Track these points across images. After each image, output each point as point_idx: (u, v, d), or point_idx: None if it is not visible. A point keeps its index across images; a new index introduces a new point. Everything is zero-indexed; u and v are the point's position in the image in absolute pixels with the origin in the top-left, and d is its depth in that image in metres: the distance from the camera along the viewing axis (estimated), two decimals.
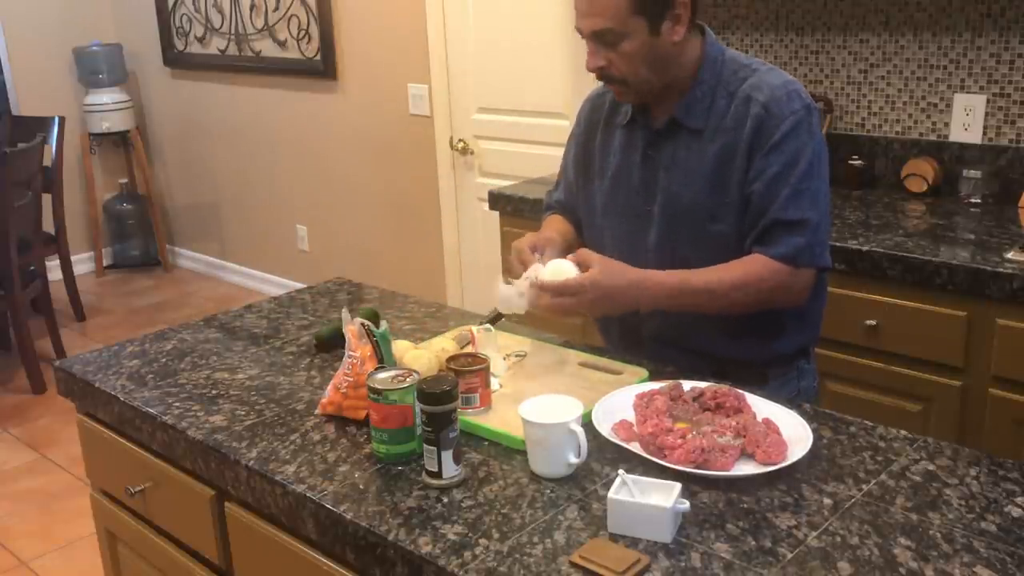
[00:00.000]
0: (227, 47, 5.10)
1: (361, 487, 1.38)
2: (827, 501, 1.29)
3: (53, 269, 4.84)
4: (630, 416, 1.47)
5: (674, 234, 1.76)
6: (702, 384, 1.55)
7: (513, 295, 1.69)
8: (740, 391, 1.51)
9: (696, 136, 1.73)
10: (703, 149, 1.72)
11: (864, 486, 1.32)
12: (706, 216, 1.72)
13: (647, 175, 1.79)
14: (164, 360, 1.88)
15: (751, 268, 1.67)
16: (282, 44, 4.77)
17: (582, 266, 1.67)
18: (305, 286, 2.38)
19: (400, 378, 1.43)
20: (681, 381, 1.55)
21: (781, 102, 1.67)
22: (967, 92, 2.75)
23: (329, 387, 1.59)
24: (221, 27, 5.09)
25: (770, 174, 1.66)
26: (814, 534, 1.21)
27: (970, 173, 2.69)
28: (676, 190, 1.74)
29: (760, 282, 1.67)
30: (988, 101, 2.72)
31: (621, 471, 1.28)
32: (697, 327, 1.75)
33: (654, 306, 1.70)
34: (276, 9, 4.74)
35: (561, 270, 1.67)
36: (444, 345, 1.69)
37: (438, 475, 1.36)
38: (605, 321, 1.93)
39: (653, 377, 1.64)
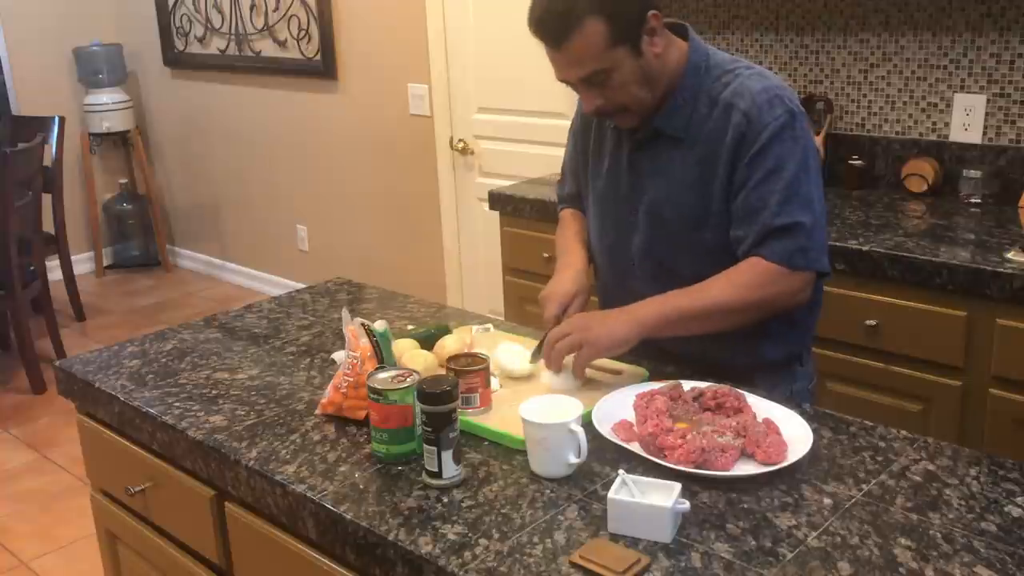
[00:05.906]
0: (227, 47, 5.10)
1: (361, 487, 1.38)
2: (827, 501, 1.29)
3: (53, 269, 4.84)
4: (630, 416, 1.47)
5: (658, 241, 1.75)
6: (702, 384, 1.55)
7: (559, 380, 1.65)
8: (740, 391, 1.52)
9: (677, 144, 1.71)
10: (685, 156, 1.70)
11: (864, 486, 1.32)
12: (690, 224, 1.71)
13: (633, 180, 1.78)
14: (164, 360, 1.88)
15: (747, 276, 1.64)
16: (282, 44, 4.77)
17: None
18: (305, 286, 2.38)
19: (400, 378, 1.43)
20: (681, 381, 1.55)
21: (762, 109, 1.63)
22: (967, 92, 2.75)
23: (329, 387, 1.59)
24: (221, 27, 5.09)
25: (755, 181, 1.64)
26: (814, 534, 1.21)
27: (970, 173, 2.69)
28: (660, 197, 1.73)
29: (759, 288, 1.63)
30: (988, 101, 2.72)
31: (621, 471, 1.28)
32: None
33: (655, 323, 1.65)
34: (276, 9, 4.73)
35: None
36: (444, 344, 1.69)
37: (438, 475, 1.36)
38: None
39: (653, 377, 1.65)
